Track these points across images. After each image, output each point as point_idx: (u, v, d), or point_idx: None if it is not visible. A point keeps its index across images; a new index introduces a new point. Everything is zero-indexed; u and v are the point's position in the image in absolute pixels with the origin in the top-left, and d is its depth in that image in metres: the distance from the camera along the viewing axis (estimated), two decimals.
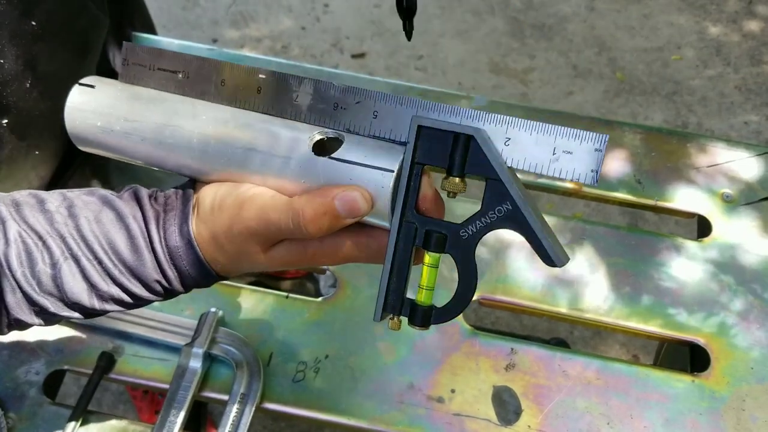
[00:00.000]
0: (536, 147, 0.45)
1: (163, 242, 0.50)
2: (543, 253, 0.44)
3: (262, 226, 0.48)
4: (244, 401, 0.72)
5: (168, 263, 0.50)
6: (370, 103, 0.48)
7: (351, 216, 0.46)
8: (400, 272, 0.47)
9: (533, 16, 2.15)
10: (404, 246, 0.47)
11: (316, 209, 0.46)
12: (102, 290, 0.50)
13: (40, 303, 0.49)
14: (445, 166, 0.45)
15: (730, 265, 0.83)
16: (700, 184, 0.89)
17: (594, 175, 0.44)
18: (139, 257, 0.49)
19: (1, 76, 0.64)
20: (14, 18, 0.63)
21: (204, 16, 2.12)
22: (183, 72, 0.53)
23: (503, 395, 0.75)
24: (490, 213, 0.45)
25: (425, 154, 0.46)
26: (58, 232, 0.49)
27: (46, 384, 0.75)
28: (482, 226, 0.45)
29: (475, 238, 0.45)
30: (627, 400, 0.75)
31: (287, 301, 0.80)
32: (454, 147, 0.45)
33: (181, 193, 0.51)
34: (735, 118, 1.97)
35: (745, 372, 0.76)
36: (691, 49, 2.09)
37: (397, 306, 0.47)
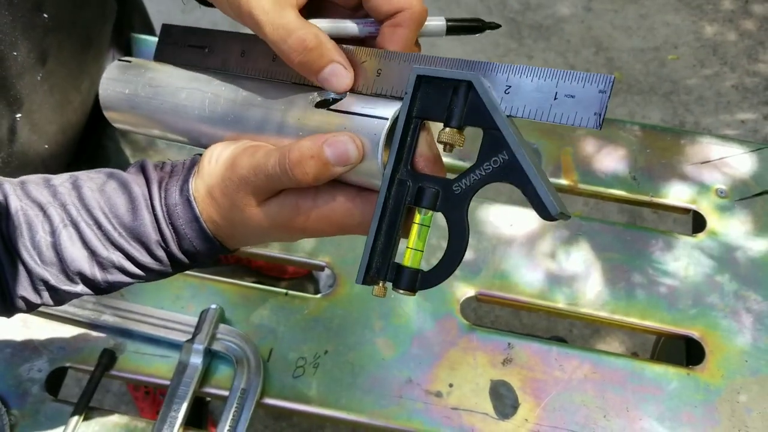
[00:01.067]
0: (537, 93, 0.43)
1: (162, 201, 0.49)
2: (538, 202, 0.41)
3: (251, 173, 0.46)
4: (245, 397, 0.73)
5: (166, 221, 0.49)
6: (375, 61, 0.47)
7: (340, 163, 0.44)
8: (388, 232, 0.44)
9: (531, 17, 2.16)
10: (395, 204, 0.44)
11: (302, 152, 0.44)
12: (102, 256, 0.49)
13: (42, 275, 0.49)
14: (443, 119, 0.44)
15: (724, 259, 0.84)
16: (695, 180, 0.90)
17: (597, 118, 0.41)
18: (138, 217, 0.49)
19: (15, 69, 0.65)
20: (27, 10, 0.64)
21: (203, 18, 2.13)
22: (209, 47, 0.56)
23: (500, 389, 0.76)
24: (485, 165, 0.42)
25: (423, 108, 0.44)
26: (60, 201, 0.49)
27: (48, 381, 0.76)
28: (476, 179, 0.43)
29: (469, 193, 0.43)
30: (623, 394, 0.76)
31: (287, 298, 0.81)
32: (453, 98, 0.43)
33: (189, 160, 0.51)
34: (732, 116, 1.98)
35: (739, 365, 0.77)
36: (688, 48, 2.10)
37: (383, 270, 0.44)
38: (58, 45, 0.71)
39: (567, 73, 0.42)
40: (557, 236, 0.86)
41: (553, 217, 0.41)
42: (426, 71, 0.44)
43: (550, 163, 0.91)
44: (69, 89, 0.77)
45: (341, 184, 0.47)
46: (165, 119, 0.56)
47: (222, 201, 0.49)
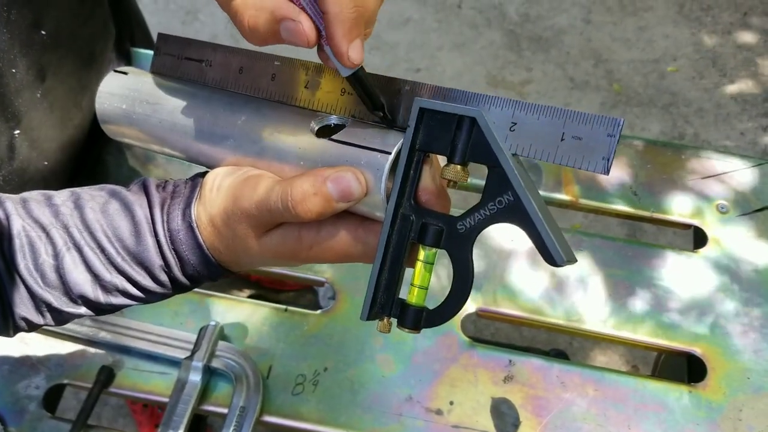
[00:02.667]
0: (543, 132, 0.41)
1: (165, 225, 0.49)
2: (543, 249, 0.40)
3: (253, 207, 0.46)
4: (244, 414, 0.72)
5: (168, 247, 0.48)
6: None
7: (343, 199, 0.43)
8: (392, 267, 0.43)
9: (530, 29, 2.16)
10: (398, 239, 0.43)
11: (305, 189, 0.43)
12: (105, 280, 0.48)
13: (44, 298, 0.48)
14: (447, 153, 0.42)
15: (725, 275, 0.84)
16: (696, 196, 0.90)
17: (605, 163, 0.40)
18: (142, 242, 0.48)
19: (14, 86, 0.65)
20: (25, 28, 0.64)
21: (203, 30, 2.14)
22: (206, 61, 0.55)
23: (502, 407, 0.75)
24: (490, 204, 0.41)
25: (427, 140, 0.43)
26: (63, 223, 0.48)
27: (46, 398, 0.76)
28: (481, 219, 0.41)
29: (474, 233, 0.42)
30: (625, 411, 0.75)
31: (286, 314, 0.81)
32: (456, 132, 0.42)
33: (191, 182, 0.51)
34: (731, 128, 1.98)
35: (741, 382, 0.77)
36: (687, 60, 2.10)
37: (388, 306, 0.44)
38: (58, 62, 0.71)
39: (575, 113, 0.41)
40: None
41: (558, 265, 0.40)
42: (429, 104, 0.43)
43: (551, 178, 0.90)
44: (69, 106, 0.77)
45: (344, 215, 0.46)
46: (163, 136, 0.56)
47: (224, 231, 0.48)
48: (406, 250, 0.43)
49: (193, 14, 2.17)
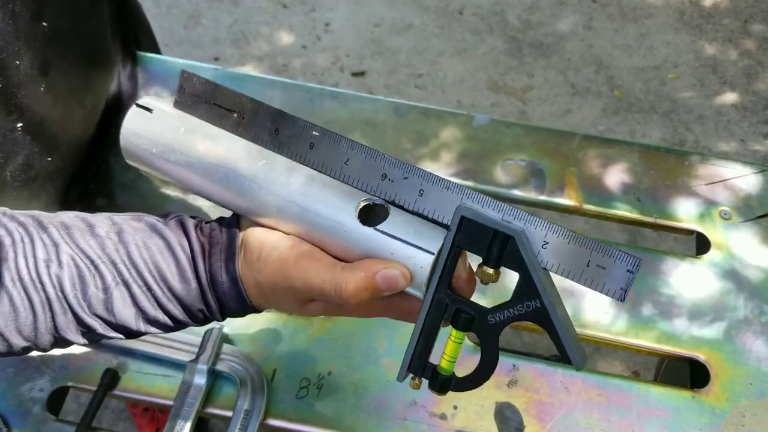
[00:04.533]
0: (572, 256, 0.46)
1: (207, 275, 0.52)
2: (564, 354, 0.46)
3: (305, 288, 0.49)
4: (248, 418, 0.72)
5: (212, 295, 0.52)
6: (418, 180, 0.49)
7: (389, 290, 0.48)
8: (426, 340, 0.49)
9: (531, 35, 2.17)
10: (433, 318, 0.48)
11: (358, 284, 0.47)
12: (149, 315, 0.52)
13: (89, 324, 0.51)
14: (482, 255, 0.47)
15: (728, 281, 0.84)
16: (698, 202, 0.90)
17: (622, 293, 0.45)
18: (187, 286, 0.51)
19: (17, 78, 0.65)
20: (27, 19, 0.64)
21: (205, 34, 2.14)
22: (238, 113, 0.54)
23: (505, 411, 0.75)
24: (518, 306, 0.46)
25: (464, 241, 0.47)
26: (110, 257, 0.51)
27: (50, 401, 0.75)
28: (510, 316, 0.47)
29: (501, 325, 0.47)
30: (628, 416, 0.75)
31: (290, 318, 0.81)
32: (492, 240, 0.46)
33: (226, 230, 0.53)
34: (732, 135, 1.99)
35: (744, 388, 0.77)
36: (688, 67, 2.11)
37: (420, 368, 0.50)
38: (60, 56, 0.71)
39: (602, 246, 0.46)
40: None
41: (576, 369, 0.47)
42: (470, 213, 0.47)
43: (555, 183, 0.91)
44: (72, 102, 0.78)
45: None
46: (200, 188, 0.55)
47: (271, 297, 0.52)
48: (439, 326, 0.49)
49: (195, 19, 2.17)
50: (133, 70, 0.97)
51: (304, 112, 0.96)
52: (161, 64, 1.00)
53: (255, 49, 2.13)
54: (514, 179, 0.91)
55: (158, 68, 0.99)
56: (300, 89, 0.98)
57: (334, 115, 0.96)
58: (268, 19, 2.19)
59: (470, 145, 0.94)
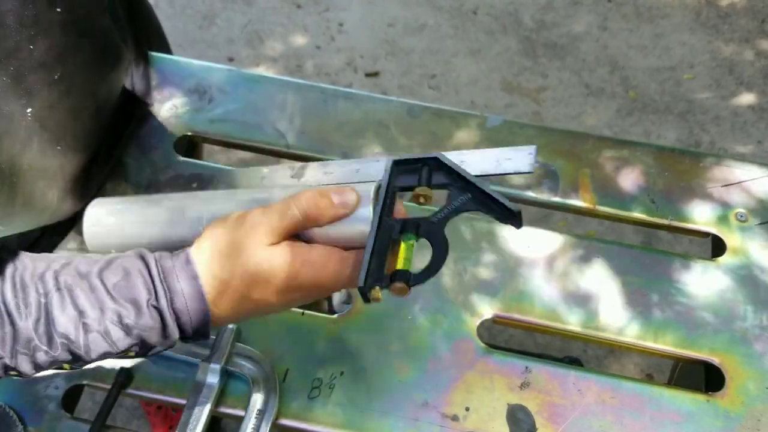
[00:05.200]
0: (483, 161, 0.60)
1: (158, 265, 0.54)
2: (502, 207, 0.54)
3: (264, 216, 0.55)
4: (261, 417, 0.73)
5: (161, 282, 0.53)
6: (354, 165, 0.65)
7: (343, 205, 0.56)
8: (380, 254, 0.54)
9: (546, 36, 2.16)
10: (383, 235, 0.55)
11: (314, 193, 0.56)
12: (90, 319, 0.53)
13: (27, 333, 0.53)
14: (415, 183, 0.58)
15: (744, 284, 0.83)
16: (714, 204, 0.89)
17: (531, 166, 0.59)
18: (130, 280, 0.53)
19: (29, 62, 0.66)
20: (44, 3, 0.65)
21: (220, 35, 2.15)
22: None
23: (518, 413, 0.75)
24: (453, 203, 0.56)
25: (399, 180, 0.59)
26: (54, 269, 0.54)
27: (65, 399, 0.76)
28: (448, 211, 0.56)
29: (444, 221, 0.55)
30: (641, 419, 0.75)
31: (303, 318, 0.81)
32: (421, 171, 0.58)
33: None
34: (748, 137, 1.97)
35: (759, 392, 0.76)
36: (704, 68, 2.10)
37: (379, 279, 0.54)
38: (74, 45, 0.71)
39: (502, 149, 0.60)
40: (574, 258, 0.86)
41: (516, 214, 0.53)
42: (400, 158, 0.60)
43: (568, 185, 0.90)
44: (86, 95, 0.78)
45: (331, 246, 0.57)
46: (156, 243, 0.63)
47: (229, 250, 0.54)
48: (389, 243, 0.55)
49: (210, 19, 2.18)
50: (145, 69, 0.97)
51: (317, 113, 0.96)
52: (174, 65, 1.00)
53: (269, 49, 2.14)
54: (527, 180, 0.91)
55: (171, 69, 1.00)
56: (314, 90, 0.98)
57: (348, 116, 0.96)
58: (282, 20, 2.20)
59: (484, 146, 0.94)
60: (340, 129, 0.95)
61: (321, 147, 0.93)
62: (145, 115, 0.95)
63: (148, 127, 0.95)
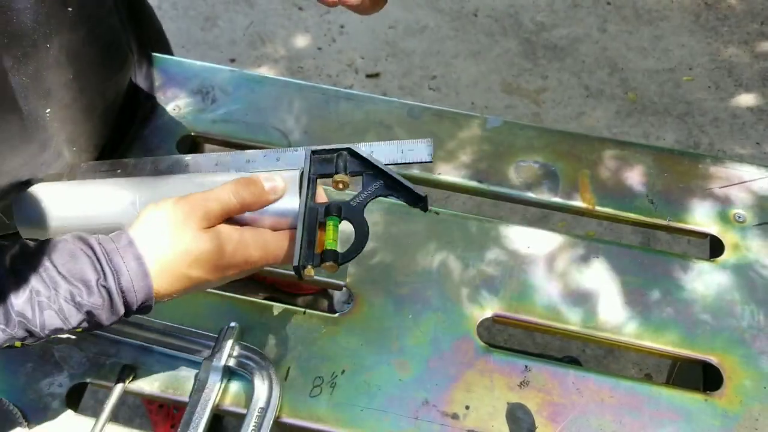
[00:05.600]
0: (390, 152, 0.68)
1: (102, 247, 0.57)
2: (409, 192, 0.64)
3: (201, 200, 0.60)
4: (262, 415, 0.73)
5: (107, 262, 0.56)
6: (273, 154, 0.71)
7: (273, 191, 0.63)
8: (309, 234, 0.62)
9: (545, 38, 2.17)
10: (310, 217, 0.63)
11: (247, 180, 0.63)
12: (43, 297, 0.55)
13: None
14: (332, 172, 0.66)
15: (742, 284, 0.84)
16: (713, 205, 0.90)
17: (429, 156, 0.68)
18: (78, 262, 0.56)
19: (47, 61, 0.67)
20: (58, 4, 0.65)
21: (222, 36, 2.16)
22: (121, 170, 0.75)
23: (517, 412, 0.76)
24: (368, 189, 0.65)
25: (318, 168, 0.67)
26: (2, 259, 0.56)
27: (68, 396, 0.77)
28: (365, 196, 0.64)
29: (362, 205, 0.64)
30: (640, 418, 0.76)
31: (304, 317, 0.82)
32: (337, 160, 0.67)
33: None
34: (747, 138, 1.98)
35: (757, 391, 0.77)
36: (703, 70, 2.10)
37: (310, 257, 0.61)
38: (85, 44, 0.72)
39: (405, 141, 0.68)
40: (574, 258, 0.86)
41: (422, 198, 0.63)
42: (317, 148, 0.68)
43: (568, 185, 0.91)
44: (96, 95, 0.79)
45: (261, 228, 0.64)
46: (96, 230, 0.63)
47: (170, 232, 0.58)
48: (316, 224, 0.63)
49: (212, 20, 2.19)
50: (148, 69, 0.98)
51: (319, 113, 0.97)
52: (177, 66, 1.01)
53: (270, 50, 2.14)
54: (527, 181, 0.92)
55: (175, 70, 1.01)
56: (315, 91, 0.99)
57: (349, 117, 0.97)
58: (283, 21, 2.20)
59: (484, 147, 0.95)
60: (341, 129, 0.96)
61: None
62: (148, 115, 0.96)
63: (152, 127, 0.95)
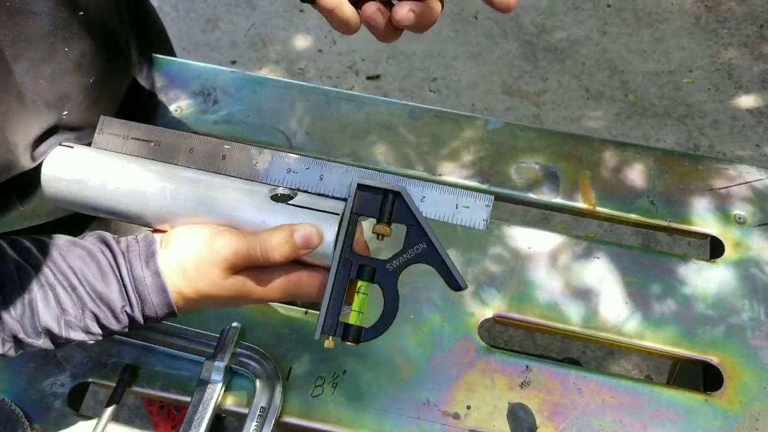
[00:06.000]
0: (443, 203, 0.59)
1: (129, 273, 0.57)
2: (451, 279, 0.57)
3: (230, 253, 0.57)
4: (264, 415, 0.73)
5: (133, 291, 0.57)
6: (317, 169, 0.61)
7: (306, 247, 0.57)
8: (336, 299, 0.57)
9: (546, 40, 2.17)
10: (341, 277, 0.58)
11: (280, 238, 0.56)
12: (71, 316, 0.56)
13: (12, 327, 0.55)
14: (376, 215, 0.59)
15: (742, 285, 0.84)
16: (713, 206, 0.90)
17: (485, 223, 0.58)
18: (108, 285, 0.56)
19: (65, 66, 0.67)
20: (70, 6, 0.66)
21: (223, 38, 2.16)
22: (155, 141, 0.64)
23: (518, 412, 0.76)
24: (409, 251, 0.58)
25: (361, 206, 0.59)
26: (35, 263, 0.56)
27: (70, 396, 0.77)
28: (403, 260, 0.57)
29: (398, 271, 0.57)
30: (641, 418, 0.76)
31: (306, 317, 0.82)
32: (384, 201, 0.59)
33: (143, 239, 0.59)
34: (747, 141, 1.98)
35: (758, 391, 0.77)
36: (703, 72, 2.11)
37: (333, 327, 0.57)
38: (98, 48, 0.72)
39: (463, 191, 0.59)
40: (574, 259, 0.87)
41: (461, 288, 0.57)
42: (364, 181, 0.59)
43: (568, 186, 0.91)
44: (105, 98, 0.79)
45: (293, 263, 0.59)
46: (120, 206, 0.61)
47: (194, 274, 0.58)
48: (347, 285, 0.58)
49: (213, 22, 2.20)
50: (149, 71, 0.98)
51: (320, 114, 0.97)
52: (179, 67, 1.01)
53: (271, 52, 2.15)
54: (528, 182, 0.92)
55: (176, 71, 1.01)
56: (316, 92, 1.00)
57: (350, 118, 0.97)
58: (284, 23, 2.21)
59: (484, 149, 0.95)
60: (342, 131, 0.96)
61: (324, 148, 0.94)
62: (150, 116, 0.96)
63: None
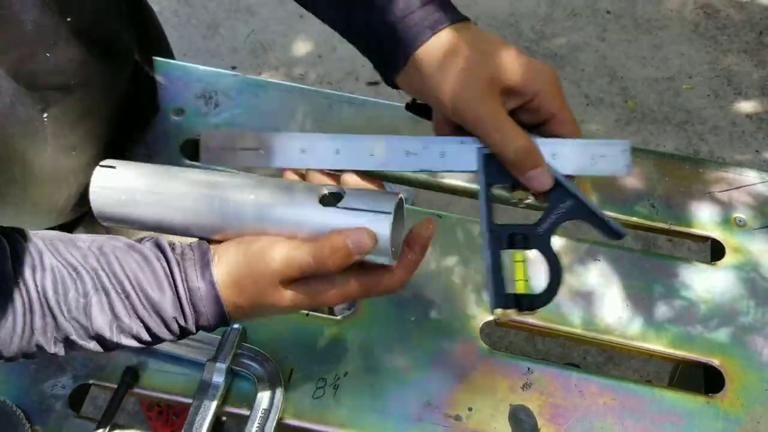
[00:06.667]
0: (577, 156, 0.56)
1: (184, 283, 0.56)
2: (608, 229, 0.56)
3: (284, 265, 0.55)
4: (266, 417, 0.73)
5: (187, 302, 0.56)
6: (436, 147, 0.59)
7: (359, 252, 0.54)
8: (496, 272, 0.56)
9: (545, 46, 2.18)
10: (495, 249, 0.56)
11: (333, 247, 0.54)
12: (124, 323, 0.55)
13: (65, 328, 0.54)
14: (509, 182, 0.57)
15: (743, 288, 0.84)
16: (714, 209, 0.91)
17: (627, 168, 0.56)
18: (163, 294, 0.55)
19: (47, 69, 0.67)
20: (56, 12, 0.66)
21: (223, 44, 2.17)
22: (263, 148, 0.62)
23: (520, 414, 0.76)
24: (556, 210, 0.56)
25: (494, 176, 0.57)
26: (91, 265, 0.55)
27: (71, 398, 0.77)
28: (552, 220, 0.56)
29: (549, 232, 0.56)
30: (642, 421, 0.76)
31: (308, 319, 0.82)
32: None
33: (197, 246, 0.58)
34: (746, 146, 1.99)
35: (759, 394, 0.77)
36: (702, 78, 2.12)
37: (503, 300, 0.56)
38: (88, 53, 0.73)
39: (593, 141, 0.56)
40: (576, 262, 0.87)
41: (622, 236, 0.56)
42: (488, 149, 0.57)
43: None
44: (98, 100, 0.79)
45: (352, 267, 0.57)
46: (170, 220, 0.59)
47: (251, 288, 0.56)
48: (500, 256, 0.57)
49: (213, 29, 2.20)
50: (150, 74, 0.98)
51: (322, 118, 0.97)
52: (181, 71, 1.02)
53: (272, 58, 2.16)
54: None
55: (178, 74, 1.01)
56: (318, 95, 1.00)
57: (352, 122, 0.97)
58: (284, 29, 2.22)
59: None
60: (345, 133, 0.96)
61: None
62: (150, 119, 0.97)
63: (154, 132, 0.96)
